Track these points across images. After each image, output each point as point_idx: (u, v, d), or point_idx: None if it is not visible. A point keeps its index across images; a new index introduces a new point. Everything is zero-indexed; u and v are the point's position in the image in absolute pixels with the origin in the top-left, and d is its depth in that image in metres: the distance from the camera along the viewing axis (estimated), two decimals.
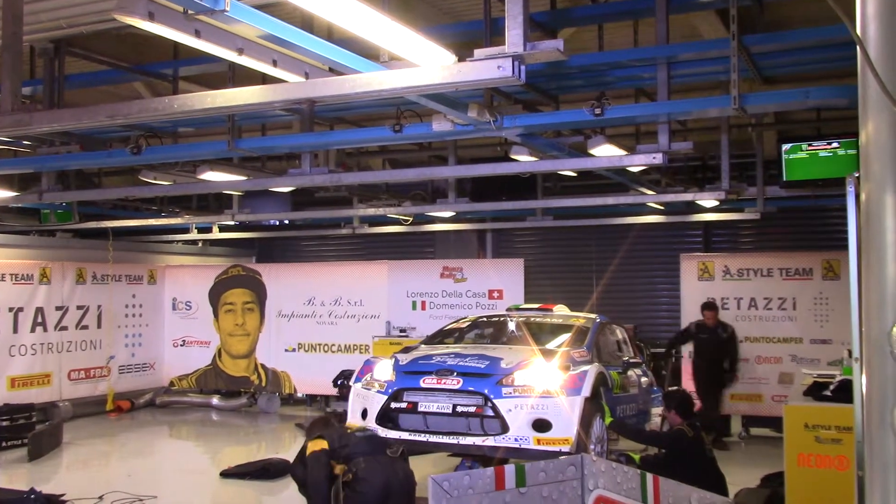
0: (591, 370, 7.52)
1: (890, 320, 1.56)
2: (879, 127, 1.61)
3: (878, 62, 1.58)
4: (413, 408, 7.46)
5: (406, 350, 8.65)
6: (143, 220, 14.30)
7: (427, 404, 7.38)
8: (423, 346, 8.98)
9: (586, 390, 7.26)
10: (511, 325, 9.27)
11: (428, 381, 7.54)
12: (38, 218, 14.50)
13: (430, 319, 13.24)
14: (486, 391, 7.29)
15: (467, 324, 9.72)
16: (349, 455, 6.63)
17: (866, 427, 1.63)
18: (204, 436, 13.20)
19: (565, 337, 8.70)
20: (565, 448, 6.94)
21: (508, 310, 10.38)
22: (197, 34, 4.40)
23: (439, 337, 9.33)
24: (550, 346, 8.43)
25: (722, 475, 6.99)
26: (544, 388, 7.20)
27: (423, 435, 7.34)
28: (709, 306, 11.65)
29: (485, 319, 10.01)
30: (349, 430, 7.09)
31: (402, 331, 13.53)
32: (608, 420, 7.61)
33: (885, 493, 1.60)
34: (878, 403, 1.60)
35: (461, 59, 4.55)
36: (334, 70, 5.18)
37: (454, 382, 7.44)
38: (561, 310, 9.89)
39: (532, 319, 9.46)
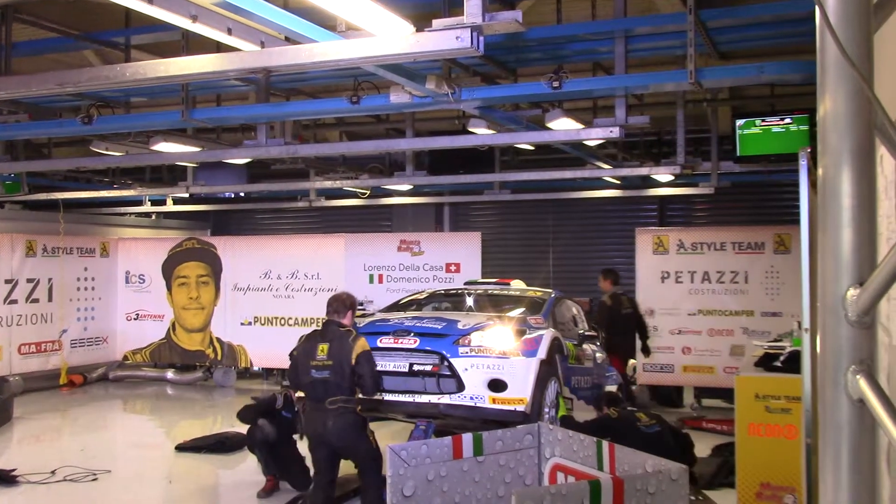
0: (547, 334, 7.60)
1: (845, 284, 1.59)
2: (837, 88, 1.62)
3: (837, 25, 1.59)
4: None
5: (363, 316, 8.66)
6: (95, 191, 14.06)
7: (383, 363, 7.30)
8: (379, 313, 9.01)
9: (542, 352, 7.33)
10: (469, 299, 9.29)
11: (385, 341, 7.52)
12: None
13: (387, 293, 13.22)
14: (443, 351, 7.29)
15: (425, 296, 9.74)
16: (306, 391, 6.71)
17: (820, 391, 1.66)
18: (159, 410, 13.09)
19: (522, 307, 8.76)
20: (520, 407, 7.00)
21: (466, 284, 10.41)
22: (149, 0, 4.30)
23: (396, 309, 9.34)
24: (508, 314, 8.48)
25: (667, 450, 7.01)
26: (501, 349, 7.25)
27: (378, 394, 7.35)
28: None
29: (442, 292, 10.03)
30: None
31: (359, 304, 13.48)
32: (562, 413, 7.57)
33: (836, 455, 1.64)
34: (831, 366, 1.64)
35: (420, 30, 4.51)
36: (291, 39, 5.10)
37: (411, 342, 7.43)
38: (518, 284, 9.96)
39: (489, 292, 9.50)
